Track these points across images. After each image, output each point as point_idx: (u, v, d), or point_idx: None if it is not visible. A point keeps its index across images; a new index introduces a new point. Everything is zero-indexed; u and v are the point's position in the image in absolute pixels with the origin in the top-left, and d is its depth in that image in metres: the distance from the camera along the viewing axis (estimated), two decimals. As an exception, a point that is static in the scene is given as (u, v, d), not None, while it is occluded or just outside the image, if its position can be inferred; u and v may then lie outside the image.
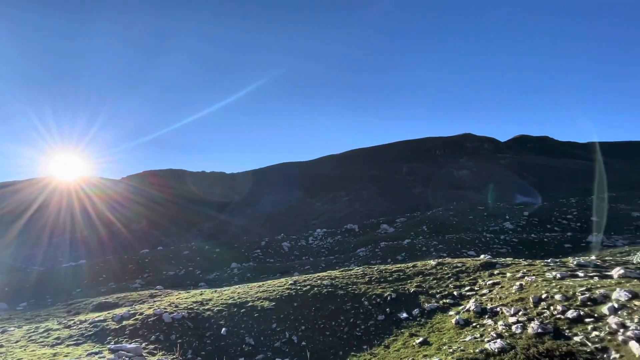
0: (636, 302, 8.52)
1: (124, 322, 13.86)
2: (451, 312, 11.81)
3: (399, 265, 18.11)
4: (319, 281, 17.00)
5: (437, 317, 11.96)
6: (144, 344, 12.11)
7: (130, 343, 11.99)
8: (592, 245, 22.77)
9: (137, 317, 14.25)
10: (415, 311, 12.73)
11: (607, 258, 15.06)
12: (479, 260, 15.55)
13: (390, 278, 16.03)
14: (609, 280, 10.20)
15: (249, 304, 15.36)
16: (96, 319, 14.37)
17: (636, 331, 7.61)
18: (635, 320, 7.99)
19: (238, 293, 17.17)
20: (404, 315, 12.67)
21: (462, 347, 9.28)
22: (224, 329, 13.53)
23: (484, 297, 11.98)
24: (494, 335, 9.30)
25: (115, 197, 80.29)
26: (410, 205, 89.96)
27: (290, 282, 17.38)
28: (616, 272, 10.45)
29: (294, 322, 13.89)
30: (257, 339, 13.18)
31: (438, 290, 13.79)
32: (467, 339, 9.71)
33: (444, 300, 12.84)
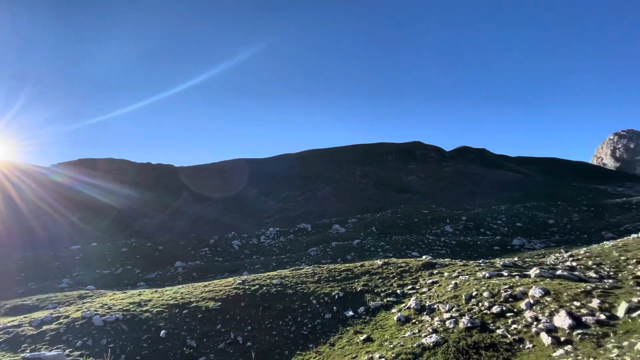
0: (547, 298, 9.76)
1: (45, 327, 12.37)
2: (394, 310, 12.45)
3: (347, 265, 18.62)
4: (268, 280, 16.81)
5: (381, 315, 12.52)
6: (67, 351, 10.92)
7: (51, 350, 10.73)
8: (516, 248, 25.60)
9: (61, 320, 12.80)
10: (361, 309, 13.20)
11: (526, 259, 17.06)
12: (421, 260, 16.61)
13: (339, 277, 16.41)
14: (527, 279, 11.54)
15: (193, 305, 14.66)
16: (8, 324, 12.62)
17: (546, 324, 8.72)
18: (546, 314, 9.14)
19: (181, 293, 16.29)
20: (350, 313, 13.06)
21: (401, 343, 9.83)
22: (163, 332, 12.74)
23: (423, 295, 12.82)
24: (430, 330, 10.01)
25: (44, 186, 71.10)
26: (362, 207, 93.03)
27: (238, 281, 16.94)
28: (533, 272, 11.88)
29: (240, 323, 13.57)
30: (200, 340, 12.63)
31: (383, 289, 14.44)
32: (406, 334, 10.31)
33: (388, 299, 13.49)
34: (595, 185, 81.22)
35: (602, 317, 8.32)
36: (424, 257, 18.46)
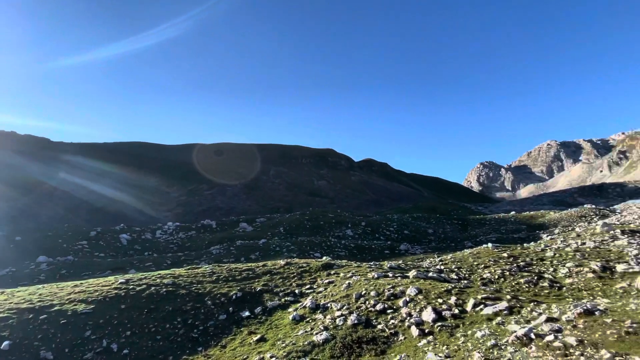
0: (420, 296, 11.38)
1: None
2: (290, 309, 12.74)
3: (250, 265, 18.30)
4: (158, 280, 15.24)
5: (277, 314, 12.64)
6: None
7: None
8: (402, 252, 29.23)
9: None
10: (258, 309, 13.10)
11: (408, 263, 19.63)
12: (321, 261, 17.46)
13: (239, 277, 15.98)
14: (407, 279, 13.27)
15: (55, 308, 12.23)
16: None
17: (416, 318, 10.15)
18: (417, 310, 10.65)
19: (40, 295, 13.43)
20: (247, 313, 12.82)
21: (293, 341, 10.11)
22: (6, 343, 10.25)
23: (319, 295, 13.48)
24: (322, 328, 10.57)
25: None
26: (272, 206, 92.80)
27: (120, 280, 14.88)
28: (412, 273, 13.73)
29: (118, 328, 11.91)
30: (60, 351, 10.59)
31: (282, 289, 14.63)
32: (299, 333, 10.66)
33: (286, 298, 13.73)
34: (464, 203, 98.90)
35: (456, 311, 10.12)
36: (324, 258, 19.44)
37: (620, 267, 13.30)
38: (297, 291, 14.32)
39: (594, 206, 45.23)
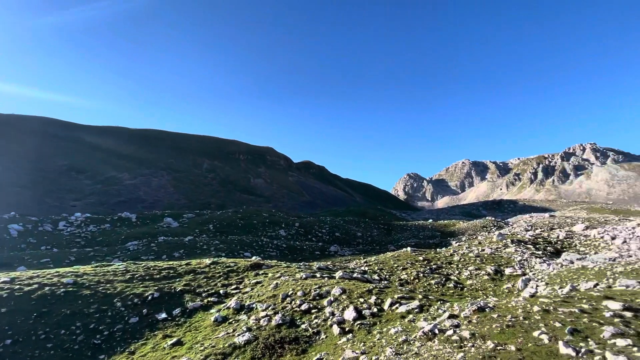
0: (343, 296, 11.88)
1: None
2: (212, 310, 12.16)
3: (171, 263, 17.00)
4: (56, 278, 13.20)
5: (197, 316, 11.95)
6: None
7: None
8: (332, 253, 30.22)
9: None
10: (177, 311, 12.22)
11: (337, 264, 20.38)
12: (250, 261, 17.07)
13: (158, 276, 14.72)
14: (333, 280, 13.74)
15: None
16: None
17: (338, 317, 10.56)
18: (340, 309, 11.09)
19: None
20: (163, 315, 11.85)
21: (213, 344, 9.67)
22: None
23: (245, 295, 13.14)
24: (245, 329, 10.32)
25: None
26: (203, 202, 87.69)
27: (3, 279, 12.48)
28: (338, 274, 14.27)
29: (-6, 336, 9.94)
30: None
31: (206, 289, 13.90)
32: (220, 335, 10.23)
33: (209, 299, 13.07)
34: (391, 210, 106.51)
35: (375, 310, 10.82)
36: (254, 257, 19.05)
37: (507, 271, 15.72)
38: (222, 291, 13.75)
39: (493, 218, 52.75)
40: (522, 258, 17.78)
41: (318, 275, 14.58)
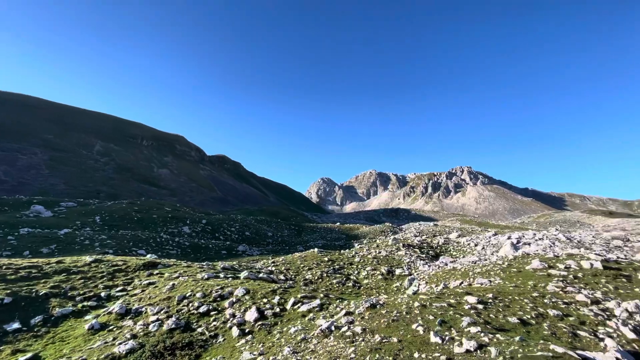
0: (247, 297, 11.60)
1: None
2: (88, 317, 10.40)
3: (36, 260, 13.95)
4: None
5: (66, 324, 10.05)
6: None
7: None
8: (239, 253, 29.28)
9: None
10: (37, 319, 10.04)
11: (243, 264, 19.80)
12: (144, 259, 15.25)
13: (14, 276, 11.89)
14: (237, 280, 13.30)
15: None
16: None
17: (239, 318, 10.25)
18: (242, 310, 10.79)
19: None
20: (15, 326, 9.59)
21: (84, 356, 8.25)
22: None
23: (134, 298, 11.65)
24: (129, 336, 9.12)
25: None
26: (89, 190, 74.87)
27: None
28: (243, 274, 13.89)
29: None
30: None
31: (82, 292, 11.83)
32: (95, 345, 8.81)
33: (85, 303, 11.15)
34: (303, 212, 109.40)
35: (278, 310, 10.87)
36: (148, 256, 17.08)
37: (398, 271, 17.73)
38: (103, 294, 11.88)
39: (390, 224, 59.05)
40: (410, 260, 20.33)
41: (222, 275, 13.93)
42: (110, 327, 9.78)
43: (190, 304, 10.89)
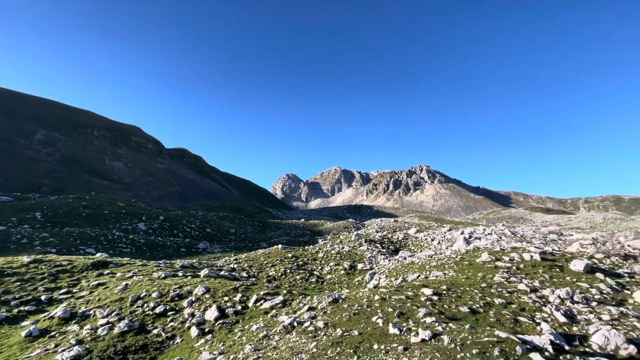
0: (207, 295, 11.24)
1: None
2: (25, 323, 9.46)
3: (-39, 262, 12.36)
4: None
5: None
6: None
7: None
8: (200, 250, 28.25)
9: None
10: (-38, 328, 8.93)
11: (203, 261, 19.14)
12: (93, 258, 14.16)
13: None
14: (197, 279, 12.83)
15: None
16: None
17: (199, 318, 9.91)
18: (202, 309, 10.44)
19: None
20: None
21: (21, 365, 7.50)
22: None
23: (80, 300, 10.79)
24: (74, 342, 8.44)
25: None
26: (29, 182, 67.82)
27: None
28: (203, 272, 13.43)
29: None
30: None
31: (18, 296, 10.71)
32: (34, 353, 8.04)
33: (22, 308, 10.12)
34: (267, 208, 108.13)
35: (239, 307, 10.67)
36: (98, 255, 15.88)
37: (360, 266, 18.19)
38: (44, 297, 10.85)
39: (354, 220, 60.37)
40: (371, 255, 20.96)
41: (180, 274, 13.36)
42: (52, 333, 8.98)
43: (146, 305, 10.33)
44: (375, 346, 6.74)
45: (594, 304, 8.90)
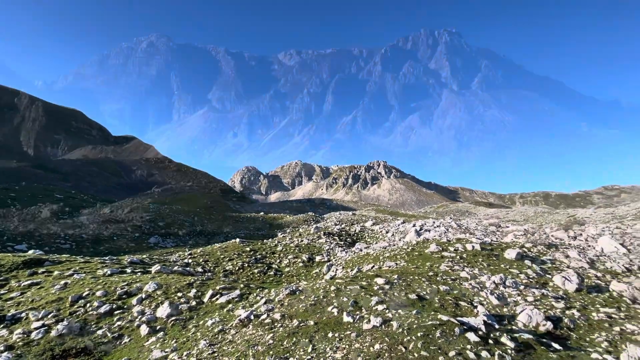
0: (158, 292, 10.77)
1: None
2: (-60, 330, 8.35)
3: None
4: None
5: None
6: None
7: None
8: (151, 245, 26.76)
9: None
10: None
11: (154, 257, 18.19)
12: (25, 256, 12.81)
13: None
14: (147, 275, 12.21)
15: None
16: None
17: (149, 316, 9.49)
18: (153, 306, 9.99)
19: None
20: None
21: None
22: None
23: (9, 302, 9.76)
24: (2, 348, 7.65)
25: None
26: (-61, 170, 58.80)
27: None
28: (154, 268, 12.81)
29: None
30: None
31: None
32: (-49, 362, 7.16)
33: None
34: (226, 201, 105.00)
35: (194, 303, 10.39)
36: (31, 252, 14.39)
37: (317, 258, 18.55)
38: (-37, 301, 9.63)
39: (313, 214, 61.00)
40: (329, 247, 21.46)
41: (129, 270, 12.62)
42: (-26, 340, 8.03)
43: (89, 305, 9.64)
44: (330, 334, 7.02)
45: (522, 287, 10.06)
